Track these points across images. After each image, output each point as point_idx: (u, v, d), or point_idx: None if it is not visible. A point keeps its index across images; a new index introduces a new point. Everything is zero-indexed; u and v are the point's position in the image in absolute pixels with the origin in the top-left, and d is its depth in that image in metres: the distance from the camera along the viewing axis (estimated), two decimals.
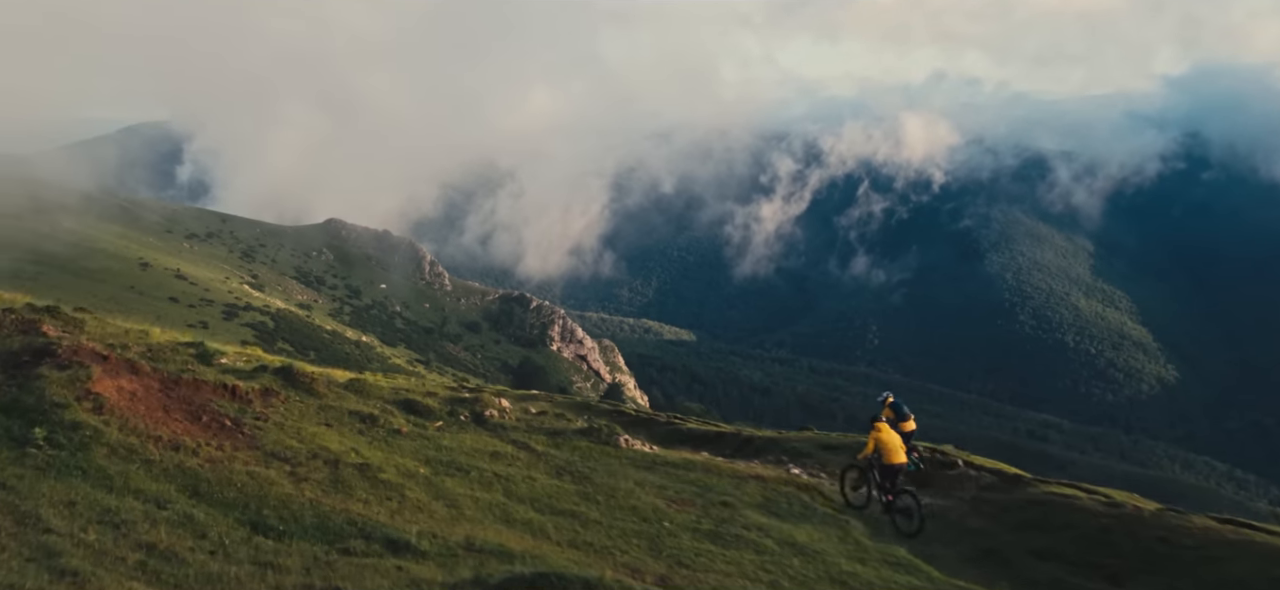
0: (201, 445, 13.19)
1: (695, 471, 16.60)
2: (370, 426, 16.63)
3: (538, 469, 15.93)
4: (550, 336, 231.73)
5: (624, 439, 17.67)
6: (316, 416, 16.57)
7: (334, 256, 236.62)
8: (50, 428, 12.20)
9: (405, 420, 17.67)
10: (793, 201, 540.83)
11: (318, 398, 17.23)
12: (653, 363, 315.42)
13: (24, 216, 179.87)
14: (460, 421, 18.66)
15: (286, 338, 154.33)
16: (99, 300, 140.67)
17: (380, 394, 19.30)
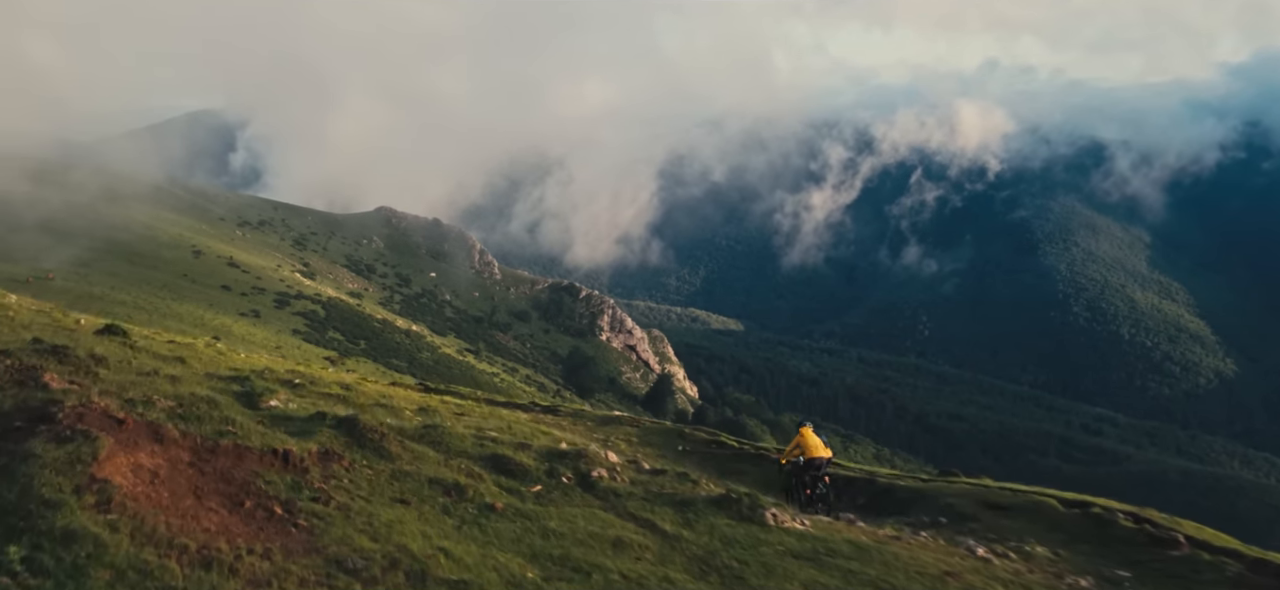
0: (243, 553, 9.58)
1: (872, 566, 12.69)
2: (457, 500, 12.93)
3: (674, 565, 12.16)
4: (599, 326, 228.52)
5: (772, 514, 13.78)
6: (389, 488, 12.91)
7: (384, 245, 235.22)
8: (34, 542, 8.63)
9: (497, 488, 13.97)
10: (843, 190, 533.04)
11: (389, 460, 13.61)
12: (700, 352, 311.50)
13: (88, 204, 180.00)
14: (563, 485, 14.93)
15: (337, 327, 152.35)
16: (153, 288, 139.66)
17: (462, 446, 15.64)
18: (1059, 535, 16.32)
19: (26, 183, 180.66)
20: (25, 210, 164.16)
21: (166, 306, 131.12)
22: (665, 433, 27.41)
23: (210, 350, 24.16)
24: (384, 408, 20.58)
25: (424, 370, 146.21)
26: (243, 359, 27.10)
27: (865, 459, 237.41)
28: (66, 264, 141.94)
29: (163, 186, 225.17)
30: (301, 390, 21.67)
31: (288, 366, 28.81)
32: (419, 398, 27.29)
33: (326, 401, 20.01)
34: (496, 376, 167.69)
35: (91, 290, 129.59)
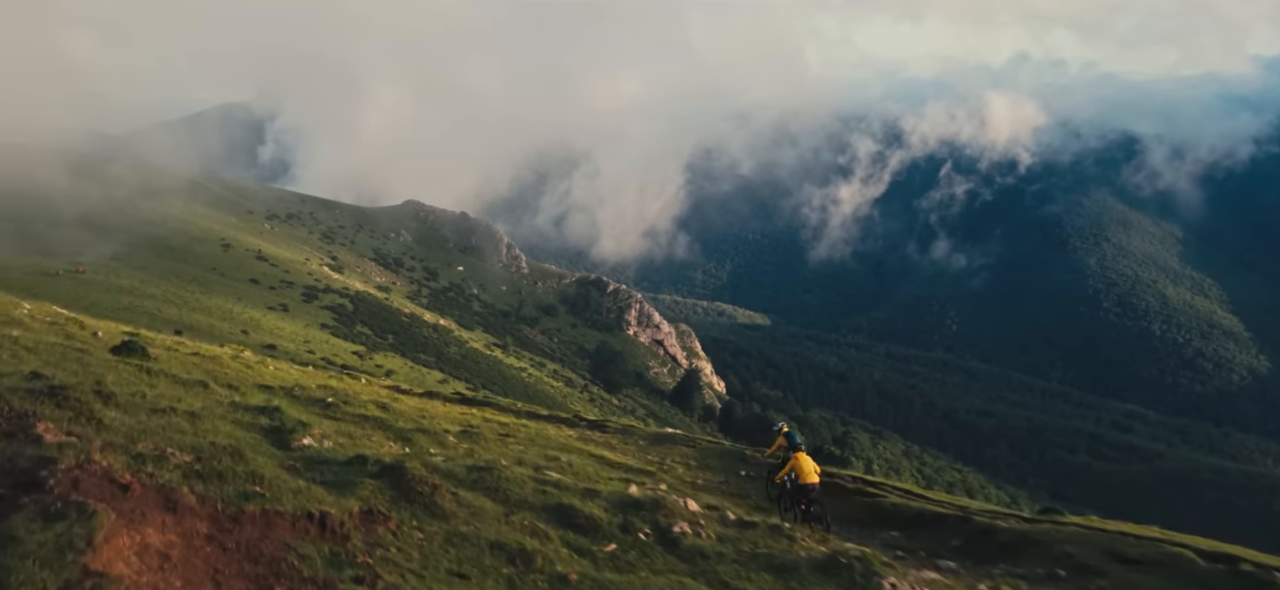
0: None
1: None
2: (524, 571, 10.80)
3: None
4: (627, 321, 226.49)
5: (891, 583, 11.55)
6: (445, 557, 10.78)
7: (412, 238, 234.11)
8: None
9: (567, 551, 11.82)
10: (871, 183, 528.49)
11: (442, 519, 11.48)
12: (727, 347, 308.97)
13: (123, 198, 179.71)
14: (641, 543, 12.76)
15: (365, 321, 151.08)
16: (182, 281, 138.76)
17: (521, 494, 13.49)
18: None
19: (63, 176, 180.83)
20: (63, 204, 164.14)
21: (196, 300, 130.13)
22: (725, 455, 25.15)
23: (237, 364, 22.21)
24: (426, 434, 18.54)
25: (452, 365, 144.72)
26: (272, 373, 25.15)
27: (894, 455, 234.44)
28: (99, 257, 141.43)
29: (193, 180, 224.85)
30: (335, 411, 19.67)
31: (319, 380, 26.84)
32: (459, 414, 25.26)
33: (364, 429, 18.00)
34: (524, 371, 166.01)
35: (121, 283, 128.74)
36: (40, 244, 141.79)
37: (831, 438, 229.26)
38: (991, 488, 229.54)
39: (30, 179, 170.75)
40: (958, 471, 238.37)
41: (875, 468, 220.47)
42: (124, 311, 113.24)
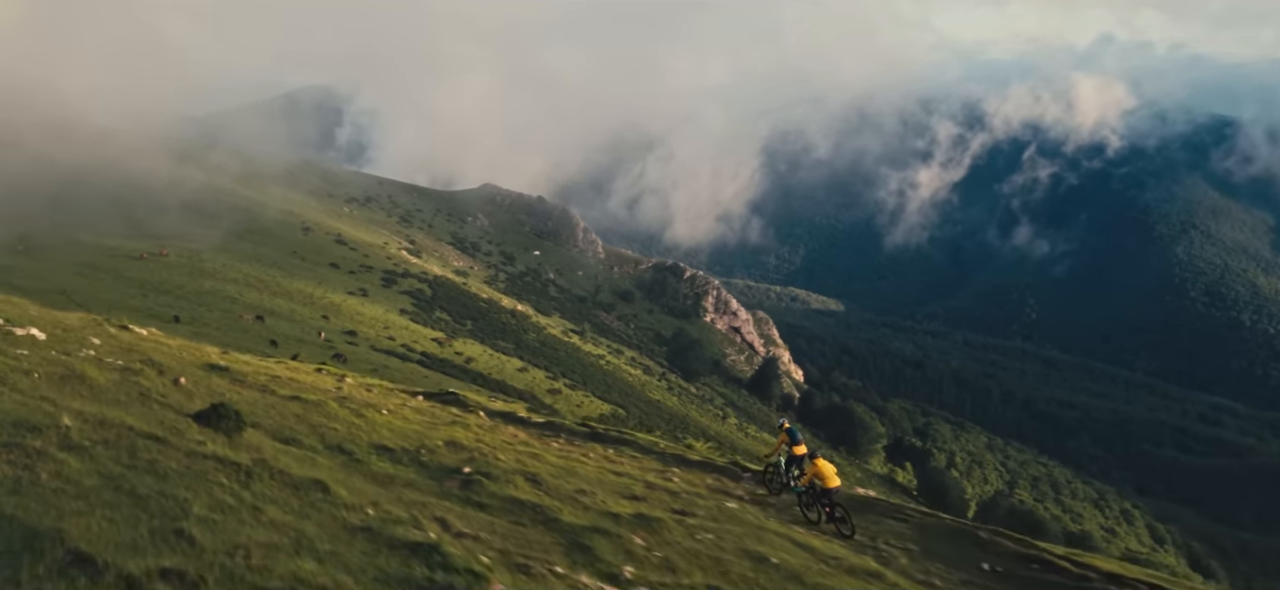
0: None
1: None
2: None
3: None
4: (704, 307, 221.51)
5: None
6: None
7: (489, 222, 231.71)
8: None
9: None
10: (951, 167, 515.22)
11: None
12: (801, 333, 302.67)
13: (201, 179, 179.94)
14: None
15: (444, 306, 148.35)
16: (263, 265, 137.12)
17: None
18: None
19: (149, 159, 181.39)
20: (146, 184, 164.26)
21: (277, 283, 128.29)
22: (952, 535, 19.87)
23: (345, 412, 17.76)
24: (604, 536, 13.76)
25: (531, 352, 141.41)
26: (386, 422, 20.70)
27: (977, 448, 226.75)
28: (181, 239, 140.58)
29: (275, 163, 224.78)
30: (481, 492, 15.08)
31: (444, 429, 22.36)
32: (614, 478, 20.39)
33: (526, 530, 13.36)
34: (602, 359, 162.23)
35: (203, 266, 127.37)
36: (130, 226, 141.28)
37: (913, 429, 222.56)
38: (1078, 483, 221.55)
39: (132, 165, 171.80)
40: (1042, 465, 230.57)
41: (958, 461, 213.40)
42: (206, 296, 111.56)
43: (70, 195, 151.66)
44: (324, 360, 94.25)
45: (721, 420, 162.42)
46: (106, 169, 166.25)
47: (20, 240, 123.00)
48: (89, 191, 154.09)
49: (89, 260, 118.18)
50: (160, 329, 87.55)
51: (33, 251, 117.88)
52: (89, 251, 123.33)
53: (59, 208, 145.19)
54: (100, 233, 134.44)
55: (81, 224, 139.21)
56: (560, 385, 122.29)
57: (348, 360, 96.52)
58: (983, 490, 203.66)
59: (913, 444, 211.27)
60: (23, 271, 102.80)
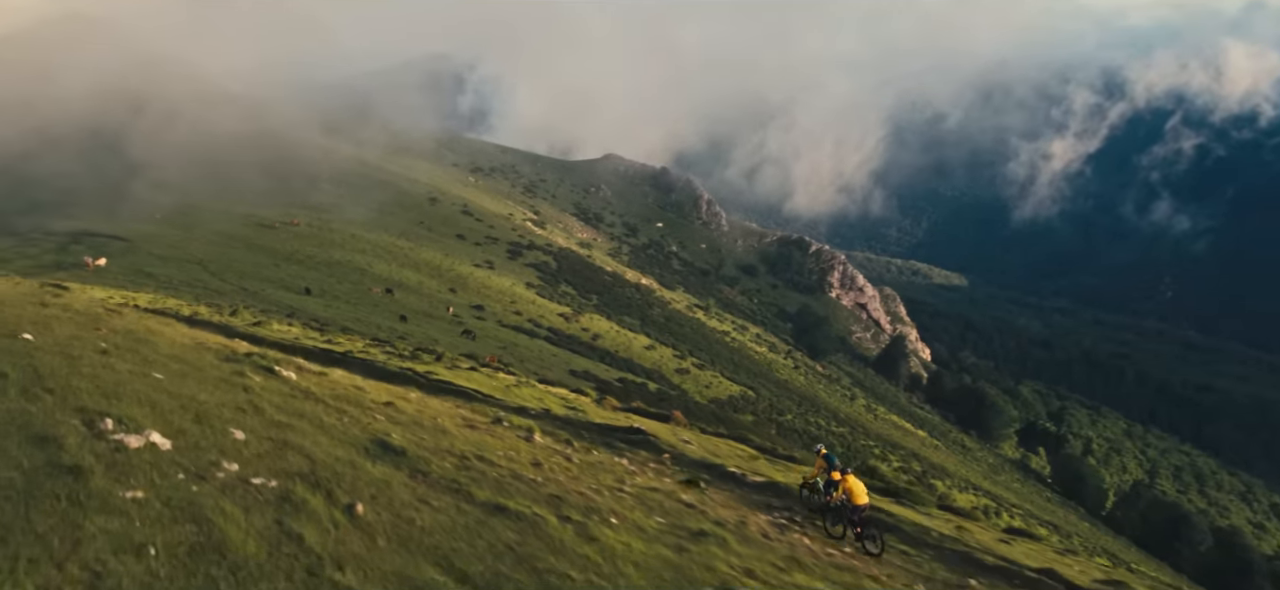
0: None
1: None
2: None
3: None
4: (829, 283, 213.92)
5: None
6: None
7: (611, 193, 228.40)
8: None
9: None
10: (1086, 138, 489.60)
11: None
12: (924, 309, 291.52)
13: (329, 147, 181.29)
14: None
15: (568, 279, 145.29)
16: (392, 233, 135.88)
17: None
18: None
19: (302, 130, 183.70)
20: (296, 155, 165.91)
21: (405, 254, 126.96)
22: None
23: (568, 532, 13.10)
24: None
25: (656, 328, 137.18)
26: (638, 557, 16.19)
27: (1115, 435, 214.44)
28: (310, 208, 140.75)
29: (402, 133, 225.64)
30: None
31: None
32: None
33: None
34: (727, 335, 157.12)
35: (333, 237, 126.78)
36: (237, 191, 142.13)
37: (1047, 413, 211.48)
38: (1223, 474, 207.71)
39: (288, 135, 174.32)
40: (1184, 454, 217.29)
41: (1095, 447, 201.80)
42: (335, 267, 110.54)
43: (228, 162, 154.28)
44: (454, 337, 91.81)
45: (849, 401, 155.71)
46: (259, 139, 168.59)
47: (159, 210, 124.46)
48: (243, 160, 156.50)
49: (225, 229, 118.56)
50: (290, 298, 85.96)
51: (172, 219, 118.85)
52: (226, 220, 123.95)
53: (215, 176, 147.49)
54: (249, 202, 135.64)
55: (232, 192, 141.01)
56: (688, 364, 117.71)
57: (476, 336, 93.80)
58: (1121, 479, 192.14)
59: (1047, 429, 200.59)
60: (162, 241, 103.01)
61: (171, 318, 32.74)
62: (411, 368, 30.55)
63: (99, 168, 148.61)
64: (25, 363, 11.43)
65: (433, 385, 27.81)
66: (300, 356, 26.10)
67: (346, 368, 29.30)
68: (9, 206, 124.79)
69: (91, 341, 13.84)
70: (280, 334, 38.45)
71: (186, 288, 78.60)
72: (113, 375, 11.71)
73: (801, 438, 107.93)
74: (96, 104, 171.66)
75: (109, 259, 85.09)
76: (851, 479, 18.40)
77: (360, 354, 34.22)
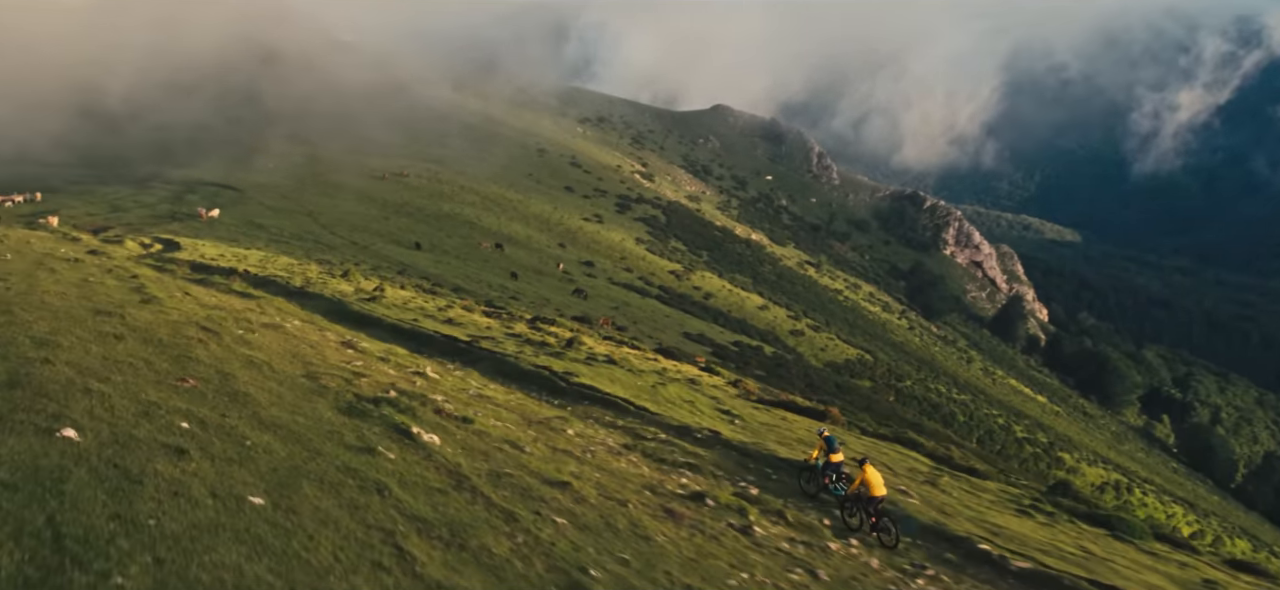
0: None
1: None
2: None
3: None
4: (944, 240, 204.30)
5: None
6: None
7: (720, 145, 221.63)
8: None
9: None
10: (1215, 89, 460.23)
11: None
12: (1036, 266, 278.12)
13: (443, 99, 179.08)
14: None
15: (678, 234, 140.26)
16: (501, 185, 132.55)
17: None
18: None
19: (432, 87, 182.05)
20: (429, 107, 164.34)
21: (514, 207, 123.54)
22: None
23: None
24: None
25: (769, 286, 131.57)
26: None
27: (1246, 403, 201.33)
28: (419, 159, 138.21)
29: (505, 79, 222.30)
30: None
31: None
32: None
33: None
34: (841, 294, 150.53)
35: (442, 188, 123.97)
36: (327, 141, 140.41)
37: (1172, 379, 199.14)
38: None
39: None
40: None
41: (1223, 416, 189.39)
42: (445, 220, 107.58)
43: (353, 113, 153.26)
44: (565, 296, 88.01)
45: (966, 364, 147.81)
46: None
47: (269, 157, 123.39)
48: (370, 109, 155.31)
49: (337, 180, 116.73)
50: (401, 253, 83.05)
51: (285, 169, 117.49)
52: (338, 171, 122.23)
53: (340, 128, 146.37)
54: (359, 149, 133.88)
55: (350, 140, 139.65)
56: (803, 326, 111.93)
57: (588, 295, 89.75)
58: (1252, 451, 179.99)
59: (1171, 395, 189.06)
60: (274, 191, 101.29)
61: (279, 298, 28.77)
62: (548, 366, 26.05)
63: (224, 117, 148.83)
64: (42, 511, 6.71)
65: (578, 394, 23.32)
66: (432, 363, 21.82)
67: (477, 366, 25.04)
68: (133, 153, 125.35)
69: (165, 417, 9.32)
70: (398, 310, 34.40)
71: (297, 241, 76.14)
72: (186, 514, 7.05)
73: (921, 405, 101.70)
74: (226, 53, 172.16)
75: (222, 209, 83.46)
76: (870, 469, 17.54)
77: (486, 340, 29.83)
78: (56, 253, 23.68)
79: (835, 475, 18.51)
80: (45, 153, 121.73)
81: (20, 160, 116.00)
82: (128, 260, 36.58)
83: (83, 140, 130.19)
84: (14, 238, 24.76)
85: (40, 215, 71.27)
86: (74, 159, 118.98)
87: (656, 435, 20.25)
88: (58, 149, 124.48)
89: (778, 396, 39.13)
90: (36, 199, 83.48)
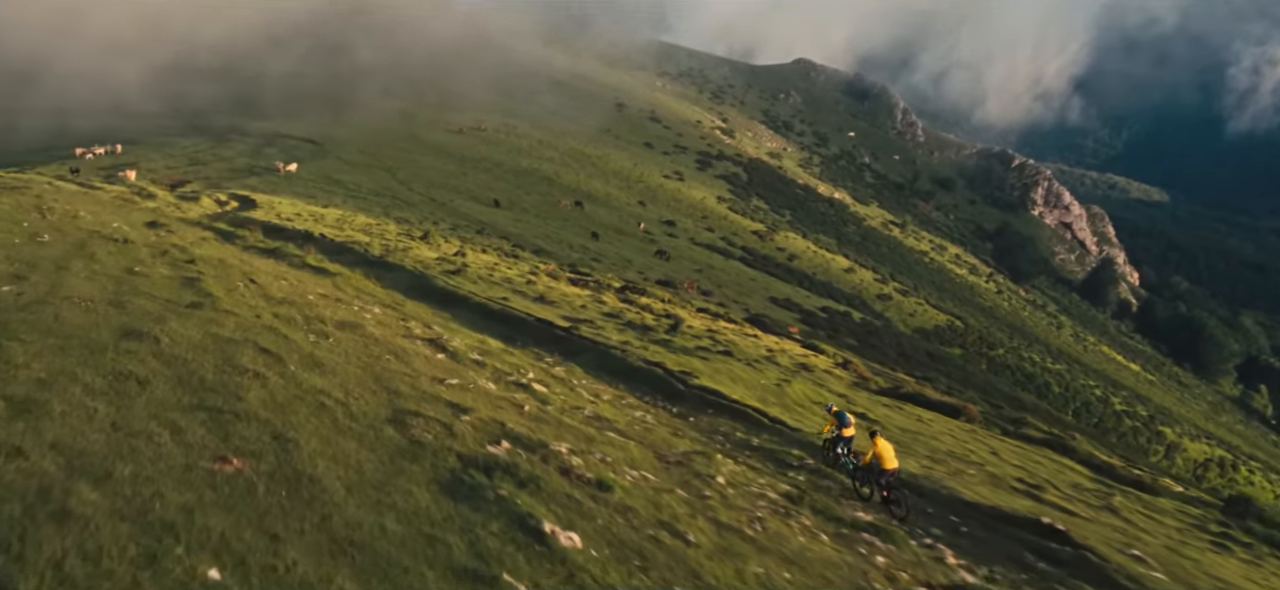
0: None
1: None
2: None
3: None
4: (1032, 200, 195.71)
5: None
6: None
7: (801, 100, 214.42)
8: None
9: None
10: None
11: None
12: (1123, 226, 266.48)
13: (519, 51, 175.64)
14: None
15: (760, 192, 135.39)
16: (580, 140, 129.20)
17: None
18: None
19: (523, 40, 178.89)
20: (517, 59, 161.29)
21: (593, 162, 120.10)
22: None
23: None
24: None
25: (853, 247, 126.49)
26: None
27: None
28: (502, 114, 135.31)
29: (599, 35, 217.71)
30: None
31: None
32: None
33: None
34: (926, 256, 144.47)
35: (520, 143, 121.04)
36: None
37: (1270, 347, 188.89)
38: None
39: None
40: None
41: None
42: (523, 176, 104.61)
43: (444, 68, 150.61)
44: (648, 257, 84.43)
45: (1056, 330, 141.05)
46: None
47: (358, 111, 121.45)
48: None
49: (414, 133, 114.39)
50: (480, 211, 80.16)
51: (367, 122, 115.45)
52: (415, 124, 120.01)
53: (434, 85, 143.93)
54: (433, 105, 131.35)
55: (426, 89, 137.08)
56: (890, 290, 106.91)
57: (670, 256, 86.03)
58: None
59: (1270, 364, 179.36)
60: (352, 145, 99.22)
61: (357, 272, 25.51)
62: (661, 363, 22.45)
63: (315, 70, 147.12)
64: None
65: (701, 400, 19.82)
66: (531, 362, 18.31)
67: (578, 359, 21.65)
68: (216, 104, 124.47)
69: (182, 560, 5.89)
70: (484, 284, 31.03)
71: (375, 198, 73.76)
72: None
73: (1015, 375, 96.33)
74: (319, 6, 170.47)
75: (299, 163, 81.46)
76: (881, 442, 17.04)
77: (586, 327, 26.31)
78: (107, 227, 20.60)
79: (846, 449, 18.25)
80: (134, 103, 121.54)
81: (111, 111, 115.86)
82: (197, 222, 33.81)
83: (171, 89, 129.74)
84: (60, 211, 21.74)
85: (119, 168, 69.68)
86: (161, 109, 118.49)
87: (804, 461, 16.68)
88: (147, 99, 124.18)
89: (897, 383, 35.01)
90: (117, 151, 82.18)
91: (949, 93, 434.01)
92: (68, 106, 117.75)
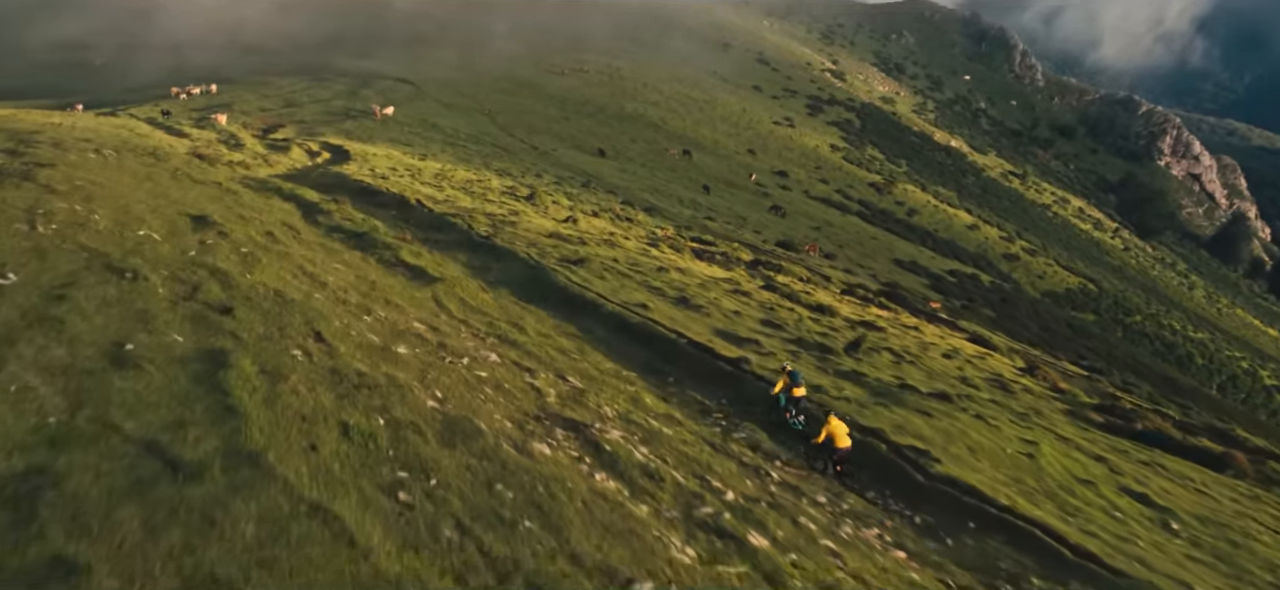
0: None
1: None
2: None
3: None
4: (1159, 149, 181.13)
5: None
6: None
7: (914, 41, 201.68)
8: None
9: None
10: None
11: None
12: (1247, 176, 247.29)
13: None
14: None
15: (874, 139, 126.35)
16: (682, 84, 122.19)
17: None
18: None
19: None
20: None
21: (700, 107, 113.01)
22: None
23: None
24: None
25: (973, 199, 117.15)
26: None
27: None
28: (599, 55, 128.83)
29: None
30: None
31: None
32: None
33: None
34: (1050, 210, 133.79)
35: (624, 85, 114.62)
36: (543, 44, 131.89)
37: None
38: None
39: None
40: None
41: None
42: (627, 122, 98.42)
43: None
44: (762, 213, 77.72)
45: (1187, 291, 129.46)
46: None
47: (455, 50, 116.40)
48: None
49: (515, 74, 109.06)
50: (584, 161, 74.13)
51: (464, 63, 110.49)
52: (515, 64, 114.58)
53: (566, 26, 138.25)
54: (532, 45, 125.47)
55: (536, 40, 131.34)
56: (1017, 249, 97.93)
57: (786, 212, 79.04)
58: None
59: None
60: (450, 87, 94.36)
61: (461, 272, 19.77)
62: (879, 431, 16.08)
63: (444, 7, 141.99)
64: None
65: (954, 506, 13.48)
66: (707, 445, 11.97)
67: (754, 413, 15.45)
68: (307, 40, 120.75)
69: None
70: (610, 277, 24.96)
71: (474, 144, 68.63)
72: None
73: (1154, 345, 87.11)
74: None
75: (397, 106, 77.03)
76: (835, 420, 15.97)
77: (751, 348, 19.84)
78: (126, 236, 14.86)
79: (794, 408, 17.71)
80: (250, 39, 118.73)
81: (226, 47, 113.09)
82: (277, 189, 28.58)
83: (287, 28, 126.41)
84: (64, 215, 15.78)
85: (213, 110, 65.73)
86: (279, 46, 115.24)
87: None
88: (267, 35, 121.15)
89: (1113, 400, 27.76)
90: (212, 91, 78.36)
91: (1061, 33, 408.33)
92: (183, 41, 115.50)
